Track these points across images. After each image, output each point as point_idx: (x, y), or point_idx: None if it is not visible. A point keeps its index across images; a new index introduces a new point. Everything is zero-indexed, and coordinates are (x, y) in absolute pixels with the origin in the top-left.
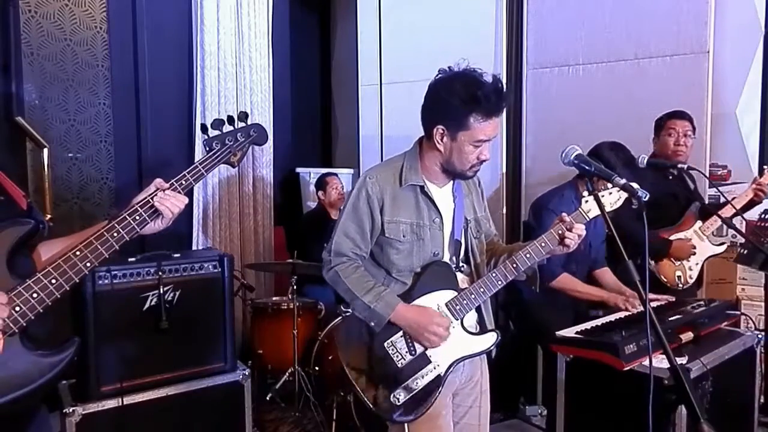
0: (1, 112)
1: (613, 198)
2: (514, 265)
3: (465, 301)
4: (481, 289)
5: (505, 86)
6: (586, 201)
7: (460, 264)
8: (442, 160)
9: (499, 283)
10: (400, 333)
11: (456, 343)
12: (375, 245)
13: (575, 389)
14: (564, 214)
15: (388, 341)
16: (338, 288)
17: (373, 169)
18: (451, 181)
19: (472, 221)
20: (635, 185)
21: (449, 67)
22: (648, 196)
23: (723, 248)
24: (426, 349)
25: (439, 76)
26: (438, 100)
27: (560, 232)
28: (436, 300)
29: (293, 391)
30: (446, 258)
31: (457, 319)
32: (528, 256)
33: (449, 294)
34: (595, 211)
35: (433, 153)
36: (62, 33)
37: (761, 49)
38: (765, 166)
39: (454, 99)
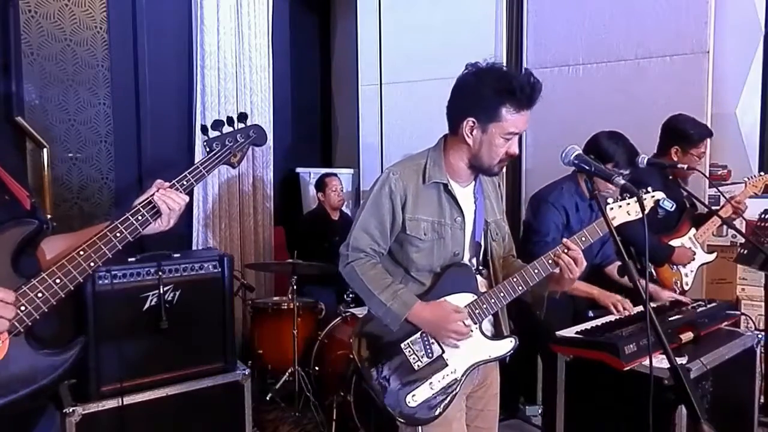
0: (1, 112)
1: (636, 207)
2: (536, 271)
3: (485, 305)
4: (502, 294)
5: (537, 81)
6: (611, 209)
7: (480, 267)
8: (470, 155)
9: (520, 288)
10: (418, 335)
11: (474, 348)
12: (395, 242)
13: (575, 389)
14: (566, 239)
15: (406, 342)
16: (354, 284)
17: (397, 165)
18: (473, 182)
19: (492, 224)
20: (660, 194)
21: (476, 63)
22: (674, 206)
23: (713, 257)
24: (443, 352)
25: (468, 70)
26: (468, 92)
27: (556, 253)
28: (456, 303)
29: (293, 391)
30: (466, 259)
31: (476, 324)
32: (550, 262)
33: (469, 297)
34: (619, 219)
35: (460, 148)
36: (62, 33)
37: (761, 49)
38: (746, 178)
39: (486, 90)
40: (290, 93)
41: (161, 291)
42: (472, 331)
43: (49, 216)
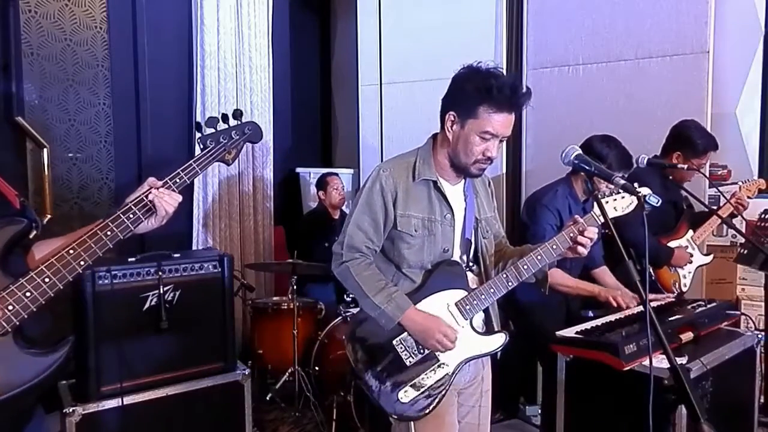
0: (1, 112)
1: (626, 202)
2: (525, 267)
3: (475, 302)
4: (491, 290)
5: (525, 87)
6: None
7: (470, 264)
8: (450, 150)
9: (510, 284)
10: None
11: (465, 344)
12: (386, 239)
13: (575, 389)
14: (577, 216)
15: (398, 339)
16: (347, 284)
17: (387, 163)
18: (463, 181)
19: (483, 221)
20: (646, 189)
21: (475, 63)
22: (660, 201)
23: (710, 258)
24: None
25: (462, 69)
26: (455, 88)
27: (572, 235)
28: (446, 299)
29: (293, 391)
30: (456, 256)
31: (467, 319)
32: (539, 258)
33: (459, 293)
34: (609, 214)
35: (445, 145)
36: (62, 33)
37: (761, 49)
38: (740, 182)
39: (468, 86)
40: (290, 93)
41: (161, 291)
42: (462, 327)
43: (49, 216)
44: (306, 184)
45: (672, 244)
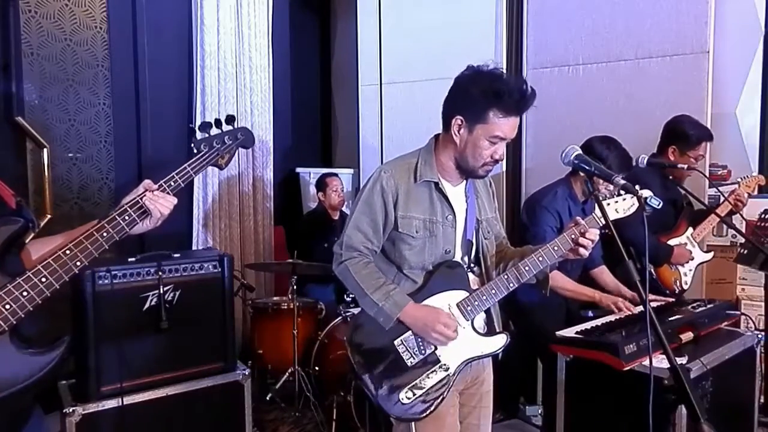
0: (1, 112)
1: (627, 204)
2: (526, 268)
3: (476, 302)
4: (493, 291)
5: (530, 89)
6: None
7: (471, 264)
8: (456, 154)
9: (511, 285)
10: (411, 331)
11: (466, 344)
12: (387, 241)
13: (575, 389)
14: (578, 218)
15: (399, 339)
16: (347, 283)
17: (388, 164)
18: (465, 181)
19: (484, 222)
20: (647, 192)
21: (478, 65)
22: (661, 203)
23: (710, 255)
24: (436, 348)
25: (466, 71)
26: (461, 91)
27: (573, 236)
28: (447, 300)
29: (293, 391)
30: (458, 257)
31: (468, 320)
32: (540, 259)
33: (461, 294)
34: (610, 216)
35: (449, 147)
36: (62, 33)
37: (761, 49)
38: (739, 179)
39: (476, 91)
40: (290, 93)
41: (161, 291)
42: (464, 327)
43: (49, 216)
44: (306, 184)
45: (672, 242)
